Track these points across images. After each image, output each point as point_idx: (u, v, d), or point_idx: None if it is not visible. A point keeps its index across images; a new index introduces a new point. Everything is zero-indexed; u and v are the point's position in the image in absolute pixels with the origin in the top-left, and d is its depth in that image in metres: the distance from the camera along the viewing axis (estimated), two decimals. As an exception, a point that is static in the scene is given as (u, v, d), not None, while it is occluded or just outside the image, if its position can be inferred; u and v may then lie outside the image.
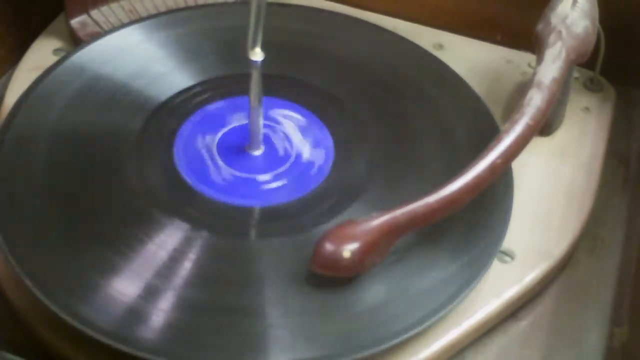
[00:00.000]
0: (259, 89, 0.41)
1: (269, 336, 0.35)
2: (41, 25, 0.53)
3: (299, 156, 0.44)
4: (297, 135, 0.45)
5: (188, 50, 0.49)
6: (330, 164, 0.43)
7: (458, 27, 0.55)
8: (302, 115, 0.46)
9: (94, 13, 0.53)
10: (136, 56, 0.48)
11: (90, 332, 0.34)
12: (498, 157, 0.38)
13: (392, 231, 0.37)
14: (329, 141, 0.45)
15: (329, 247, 0.36)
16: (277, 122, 0.46)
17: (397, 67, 0.49)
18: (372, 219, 0.36)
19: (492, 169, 0.38)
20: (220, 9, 0.53)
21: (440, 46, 0.53)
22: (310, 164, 0.43)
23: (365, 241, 0.36)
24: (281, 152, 0.44)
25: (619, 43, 0.48)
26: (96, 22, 0.52)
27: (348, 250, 0.36)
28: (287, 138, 0.45)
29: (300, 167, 0.43)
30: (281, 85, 0.47)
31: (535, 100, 0.40)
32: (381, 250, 0.37)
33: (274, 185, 0.42)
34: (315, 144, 0.45)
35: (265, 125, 0.44)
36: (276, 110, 0.46)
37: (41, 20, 0.53)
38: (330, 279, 0.37)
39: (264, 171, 0.43)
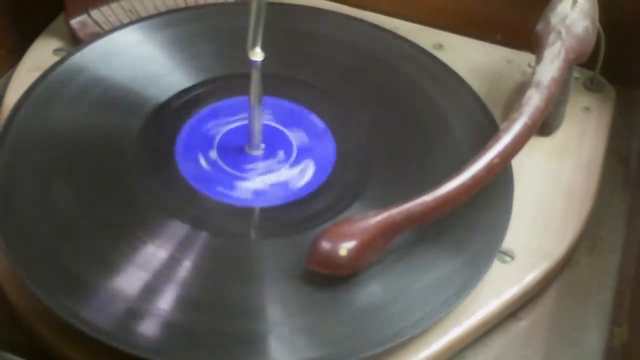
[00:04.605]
0: (259, 89, 0.41)
1: (269, 336, 0.35)
2: (41, 25, 0.53)
3: (299, 156, 0.44)
4: (297, 135, 0.45)
5: (188, 50, 0.49)
6: (330, 164, 0.43)
7: (458, 27, 0.55)
8: (302, 115, 0.46)
9: (94, 13, 0.53)
10: (136, 56, 0.48)
11: (90, 332, 0.34)
12: (496, 157, 0.38)
13: (389, 230, 0.37)
14: (329, 141, 0.45)
15: (325, 245, 0.36)
16: (277, 122, 0.46)
17: (397, 67, 0.49)
18: (369, 217, 0.36)
19: (490, 168, 0.38)
20: (220, 9, 0.53)
21: (440, 46, 0.53)
22: (310, 164, 0.43)
23: (362, 239, 0.36)
24: (281, 152, 0.44)
25: (619, 43, 0.48)
26: (96, 22, 0.52)
27: (345, 248, 0.36)
28: (287, 138, 0.45)
29: (300, 167, 0.43)
30: (281, 85, 0.47)
31: (533, 100, 0.40)
32: (378, 248, 0.37)
33: (274, 185, 0.42)
34: (316, 144, 0.45)
35: (265, 126, 0.44)
36: (276, 110, 0.46)
37: (41, 20, 0.53)
38: (329, 278, 0.37)
39: (264, 171, 0.43)
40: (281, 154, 0.44)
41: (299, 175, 0.43)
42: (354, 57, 0.50)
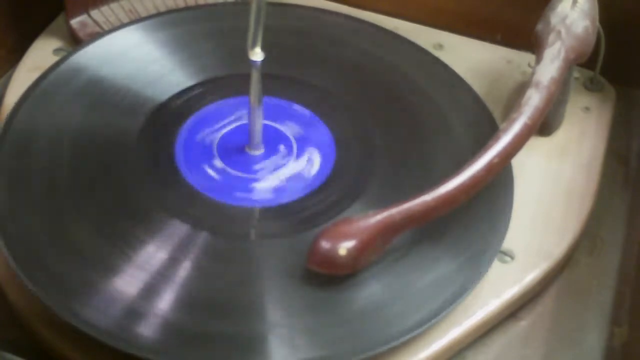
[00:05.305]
0: (259, 89, 0.41)
1: (269, 336, 0.35)
2: (41, 25, 0.53)
3: (299, 156, 0.44)
4: (297, 135, 0.45)
5: (188, 51, 0.49)
6: (330, 164, 0.43)
7: (458, 27, 0.55)
8: (302, 115, 0.46)
9: (94, 13, 0.53)
10: (136, 56, 0.48)
11: (90, 332, 0.34)
12: (495, 157, 0.38)
13: (389, 229, 0.37)
14: (329, 141, 0.45)
15: (325, 244, 0.36)
16: (277, 122, 0.46)
17: (397, 67, 0.49)
18: (368, 217, 0.36)
19: (489, 168, 0.38)
20: (220, 9, 0.53)
21: (440, 46, 0.53)
22: (310, 164, 0.43)
23: (362, 239, 0.36)
24: (281, 152, 0.44)
25: (619, 43, 0.48)
26: (96, 22, 0.52)
27: (344, 248, 0.36)
28: (287, 138, 0.45)
29: (300, 167, 0.43)
30: (281, 85, 0.47)
31: (533, 100, 0.40)
32: (377, 248, 0.37)
33: (274, 185, 0.42)
34: (316, 144, 0.45)
35: (265, 126, 0.44)
36: (276, 110, 0.46)
37: (41, 20, 0.53)
38: (329, 278, 0.37)
39: (264, 171, 0.43)
40: (281, 153, 0.44)
41: (299, 175, 0.43)
42: (353, 58, 0.50)
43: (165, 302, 0.36)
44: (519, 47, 0.53)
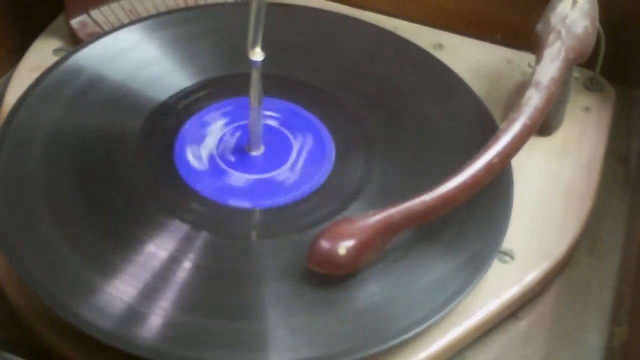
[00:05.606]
0: (258, 89, 0.41)
1: (269, 336, 0.35)
2: (41, 25, 0.53)
3: (298, 156, 0.44)
4: (297, 135, 0.45)
5: (188, 50, 0.49)
6: (330, 164, 0.43)
7: (458, 27, 0.55)
8: (302, 115, 0.46)
9: (94, 13, 0.53)
10: (136, 56, 0.48)
11: (90, 332, 0.34)
12: (495, 156, 0.38)
13: (388, 229, 0.37)
14: (328, 141, 0.45)
15: (324, 244, 0.36)
16: (277, 122, 0.46)
17: (397, 67, 0.49)
18: (368, 216, 0.36)
19: (489, 167, 0.38)
20: (220, 9, 0.53)
21: (440, 46, 0.53)
22: (310, 164, 0.43)
23: (361, 239, 0.36)
24: (281, 152, 0.44)
25: (619, 43, 0.48)
26: (96, 22, 0.52)
27: (344, 247, 0.36)
28: (286, 138, 0.45)
29: (300, 167, 0.43)
30: (281, 85, 0.47)
31: (533, 100, 0.40)
32: (377, 248, 0.37)
33: (274, 185, 0.42)
34: (316, 144, 0.45)
35: (265, 126, 0.44)
36: (276, 111, 0.46)
37: (41, 20, 0.53)
38: (329, 278, 0.37)
39: (264, 171, 0.43)
40: (281, 153, 0.44)
41: (299, 175, 0.43)
42: (353, 57, 0.50)
43: (165, 302, 0.36)
44: (519, 47, 0.53)
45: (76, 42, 0.51)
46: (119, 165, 0.42)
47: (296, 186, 0.42)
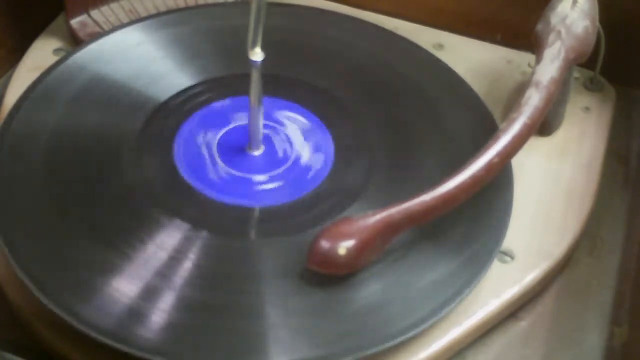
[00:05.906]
0: (258, 89, 0.41)
1: (269, 336, 0.35)
2: (41, 25, 0.53)
3: (298, 156, 0.44)
4: (297, 135, 0.45)
5: (188, 50, 0.49)
6: (330, 164, 0.43)
7: (458, 27, 0.55)
8: (302, 114, 0.46)
9: (94, 13, 0.53)
10: (136, 56, 0.48)
11: (90, 332, 0.34)
12: (495, 156, 0.38)
13: (388, 229, 0.37)
14: (329, 141, 0.45)
15: (324, 244, 0.36)
16: (277, 122, 0.46)
17: (397, 67, 0.49)
18: (368, 216, 0.36)
19: (489, 167, 0.38)
20: (220, 9, 0.53)
21: (440, 46, 0.53)
22: (310, 164, 0.43)
23: (361, 239, 0.36)
24: (281, 152, 0.44)
25: (619, 43, 0.48)
26: (96, 22, 0.52)
27: (343, 247, 0.36)
28: (286, 138, 0.45)
29: (300, 167, 0.43)
30: (281, 85, 0.47)
31: (533, 100, 0.40)
32: (377, 248, 0.37)
33: (274, 185, 0.42)
34: (316, 144, 0.45)
35: (265, 126, 0.44)
36: (276, 111, 0.46)
37: (41, 20, 0.53)
38: (329, 278, 0.37)
39: (264, 171, 0.43)
40: (281, 152, 0.44)
41: (299, 175, 0.43)
42: (353, 57, 0.50)
43: (165, 301, 0.36)
44: (519, 47, 0.53)
45: (76, 42, 0.51)
46: (119, 165, 0.42)
47: (296, 186, 0.42)
